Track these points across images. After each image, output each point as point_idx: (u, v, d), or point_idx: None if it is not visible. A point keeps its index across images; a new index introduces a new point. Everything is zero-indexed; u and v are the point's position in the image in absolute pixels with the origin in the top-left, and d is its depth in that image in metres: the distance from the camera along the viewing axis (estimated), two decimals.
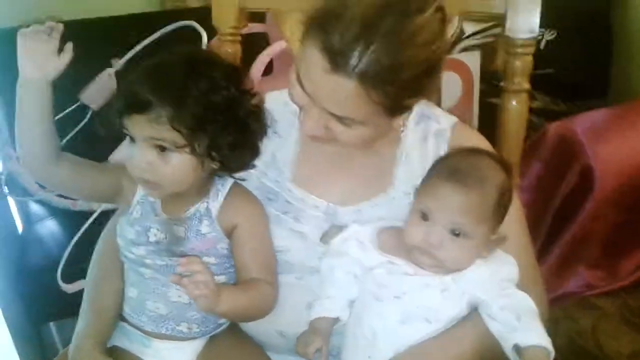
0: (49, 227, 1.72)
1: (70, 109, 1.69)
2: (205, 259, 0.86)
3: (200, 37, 1.67)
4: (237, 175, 0.89)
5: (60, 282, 1.53)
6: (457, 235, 0.78)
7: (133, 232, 0.88)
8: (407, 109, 0.85)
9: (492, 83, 1.58)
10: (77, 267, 1.49)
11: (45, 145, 0.81)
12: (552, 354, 0.74)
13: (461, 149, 0.86)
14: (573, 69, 2.07)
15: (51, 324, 1.66)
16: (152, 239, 0.87)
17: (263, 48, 1.98)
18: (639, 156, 1.38)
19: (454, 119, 0.99)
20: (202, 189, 0.88)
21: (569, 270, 1.45)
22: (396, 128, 0.90)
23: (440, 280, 0.80)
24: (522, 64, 1.05)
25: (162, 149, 0.78)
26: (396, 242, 0.85)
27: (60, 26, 0.79)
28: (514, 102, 1.09)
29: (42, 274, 1.56)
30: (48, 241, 1.67)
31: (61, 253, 1.57)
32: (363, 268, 0.85)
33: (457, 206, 0.78)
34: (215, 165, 0.84)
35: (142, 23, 1.83)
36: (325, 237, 0.91)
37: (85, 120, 1.72)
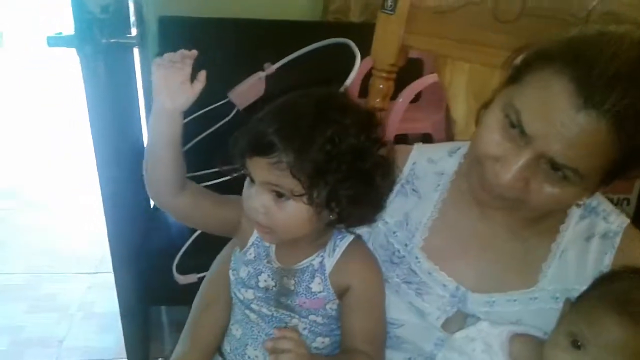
0: None
1: (217, 104, 1.74)
2: (312, 317, 0.82)
3: (354, 55, 1.62)
4: (357, 230, 0.83)
5: (174, 271, 1.57)
6: None
7: (246, 271, 0.84)
8: (624, 177, 0.72)
9: None
10: (193, 261, 1.54)
11: (171, 174, 0.79)
12: None
13: (636, 272, 0.71)
14: None
15: (162, 307, 1.73)
16: (262, 284, 0.83)
17: (416, 74, 1.90)
18: None
19: (626, 220, 0.84)
20: (318, 241, 0.82)
21: None
22: (579, 205, 0.79)
23: None
24: None
25: (280, 194, 0.74)
26: (530, 356, 0.72)
27: (194, 53, 0.77)
28: None
29: (160, 258, 1.61)
30: (173, 228, 1.72)
31: (182, 242, 1.61)
32: None
33: (620, 346, 0.64)
34: (333, 217, 0.78)
35: (300, 31, 1.82)
36: (447, 325, 0.81)
37: (229, 117, 1.76)
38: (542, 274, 0.81)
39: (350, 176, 0.74)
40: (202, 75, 0.77)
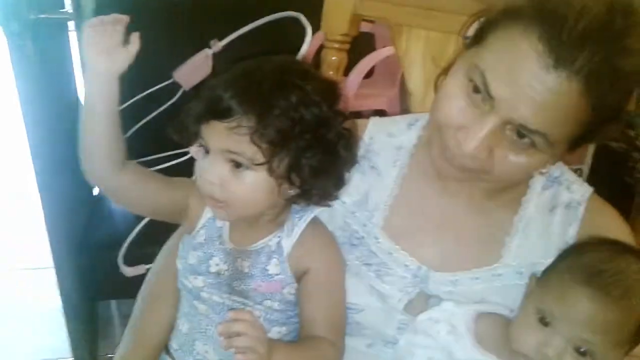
0: None
1: (161, 85, 1.64)
2: (268, 302, 0.76)
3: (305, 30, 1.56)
4: (319, 205, 0.78)
5: (120, 263, 1.49)
6: (583, 354, 0.62)
7: (195, 256, 0.77)
8: (590, 141, 0.71)
9: None
10: (140, 251, 1.46)
11: (110, 147, 0.72)
12: None
13: (603, 243, 0.68)
14: None
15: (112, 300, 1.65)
16: (213, 269, 0.77)
17: (367, 49, 1.85)
18: None
19: (590, 189, 0.81)
20: (275, 220, 0.77)
21: None
22: (543, 173, 0.75)
23: None
24: None
25: (237, 164, 0.69)
26: (497, 337, 0.69)
27: (126, 17, 0.72)
28: None
29: (105, 250, 1.52)
30: (117, 217, 1.63)
31: (128, 232, 1.52)
32: (451, 358, 0.70)
33: (592, 320, 0.61)
34: (293, 191, 0.73)
35: (247, 7, 1.73)
36: (410, 307, 0.77)
37: (175, 99, 1.66)
38: (506, 248, 0.78)
39: (313, 145, 0.70)
40: (135, 36, 0.71)
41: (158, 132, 0.81)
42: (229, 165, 0.69)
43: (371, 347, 0.79)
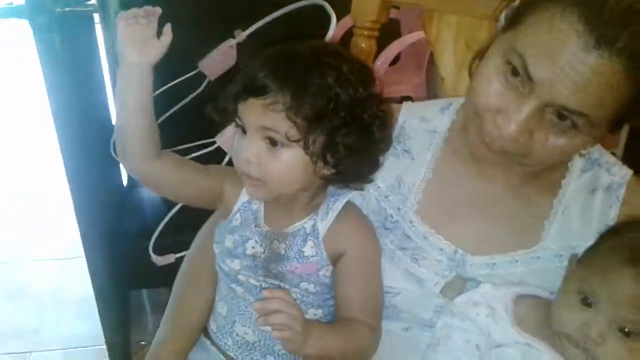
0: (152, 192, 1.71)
1: (187, 75, 1.65)
2: (304, 284, 0.77)
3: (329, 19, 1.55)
4: (353, 187, 0.78)
5: (151, 252, 1.50)
6: (627, 334, 0.61)
7: (231, 240, 0.78)
8: (632, 122, 0.69)
9: None
10: (171, 240, 1.47)
11: (145, 137, 0.73)
12: None
13: None
14: None
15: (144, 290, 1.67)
16: (249, 251, 0.77)
17: (393, 36, 1.84)
18: None
19: (629, 171, 0.80)
20: (311, 203, 0.77)
21: None
22: (582, 155, 0.75)
23: None
24: None
25: (274, 142, 0.70)
26: (537, 318, 0.69)
27: (158, 10, 0.72)
28: None
29: (135, 240, 1.53)
30: (147, 207, 1.64)
31: (158, 222, 1.54)
32: (489, 341, 0.70)
33: (635, 300, 0.60)
34: (328, 171, 0.73)
35: None
36: (447, 290, 0.77)
37: (201, 89, 1.67)
38: (545, 231, 0.77)
39: (348, 124, 0.70)
40: (168, 28, 0.72)
41: (185, 122, 0.82)
42: (265, 142, 0.70)
43: (408, 330, 0.79)
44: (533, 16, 0.64)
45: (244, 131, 0.72)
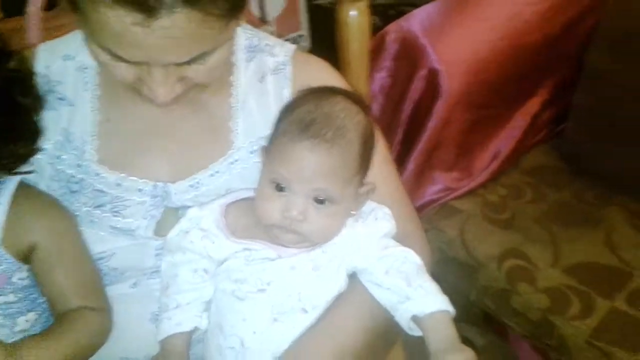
0: None
1: None
2: (1, 298, 0.65)
3: None
4: (21, 170, 0.67)
5: None
6: (322, 202, 0.63)
7: None
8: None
9: None
10: None
11: None
12: (453, 312, 0.64)
13: (308, 93, 0.68)
14: None
15: None
16: None
17: None
18: (483, 49, 1.31)
19: (291, 47, 0.81)
20: None
21: (426, 177, 1.40)
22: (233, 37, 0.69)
23: (309, 257, 0.65)
24: None
25: None
26: (249, 221, 0.67)
27: None
28: (353, 13, 0.93)
29: None
30: None
31: None
32: (214, 261, 0.67)
33: (318, 169, 0.62)
34: None
35: None
36: (161, 229, 0.71)
37: None
38: (233, 133, 0.75)
39: None
40: None
41: None
42: None
43: (136, 285, 0.73)
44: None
45: None
